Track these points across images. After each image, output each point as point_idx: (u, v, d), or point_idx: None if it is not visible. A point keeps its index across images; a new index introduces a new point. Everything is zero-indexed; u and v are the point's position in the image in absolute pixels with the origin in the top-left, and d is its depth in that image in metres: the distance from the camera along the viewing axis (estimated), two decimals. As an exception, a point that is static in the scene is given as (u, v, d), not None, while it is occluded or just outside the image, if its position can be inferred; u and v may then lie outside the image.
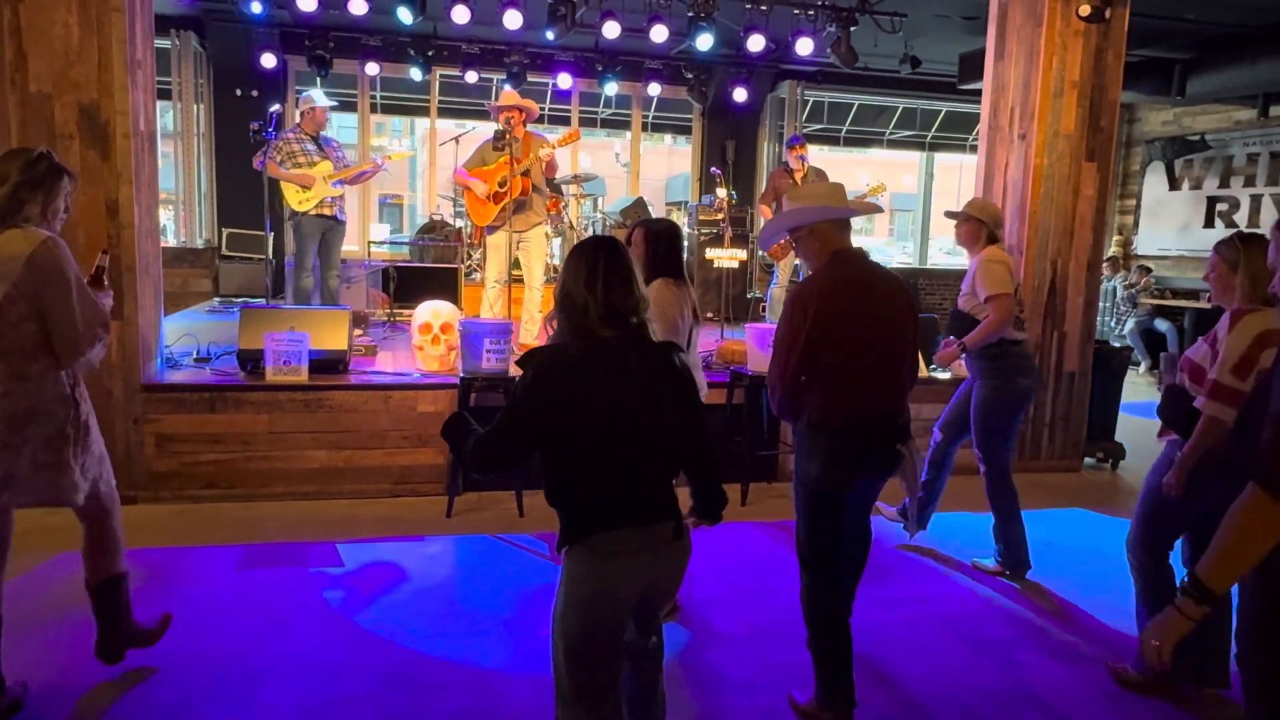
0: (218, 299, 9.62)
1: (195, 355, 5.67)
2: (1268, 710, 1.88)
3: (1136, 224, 11.76)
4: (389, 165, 7.31)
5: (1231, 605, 2.93)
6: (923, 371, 5.61)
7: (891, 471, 2.98)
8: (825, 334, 2.81)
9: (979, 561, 4.48)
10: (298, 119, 6.97)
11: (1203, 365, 2.98)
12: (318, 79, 10.48)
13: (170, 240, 10.76)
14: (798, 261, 8.10)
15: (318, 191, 6.76)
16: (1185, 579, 1.84)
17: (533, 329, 6.62)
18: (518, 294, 6.70)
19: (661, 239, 3.59)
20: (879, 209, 3.66)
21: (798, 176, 7.88)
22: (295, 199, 6.78)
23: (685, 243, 3.81)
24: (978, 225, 4.29)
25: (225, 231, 10.11)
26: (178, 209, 10.80)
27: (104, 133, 4.70)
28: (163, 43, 9.67)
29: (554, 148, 6.47)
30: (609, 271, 2.19)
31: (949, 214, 4.54)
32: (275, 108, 6.96)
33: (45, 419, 2.74)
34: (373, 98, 11.54)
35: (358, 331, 6.69)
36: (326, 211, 6.85)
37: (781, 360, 2.87)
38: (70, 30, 4.61)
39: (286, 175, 6.75)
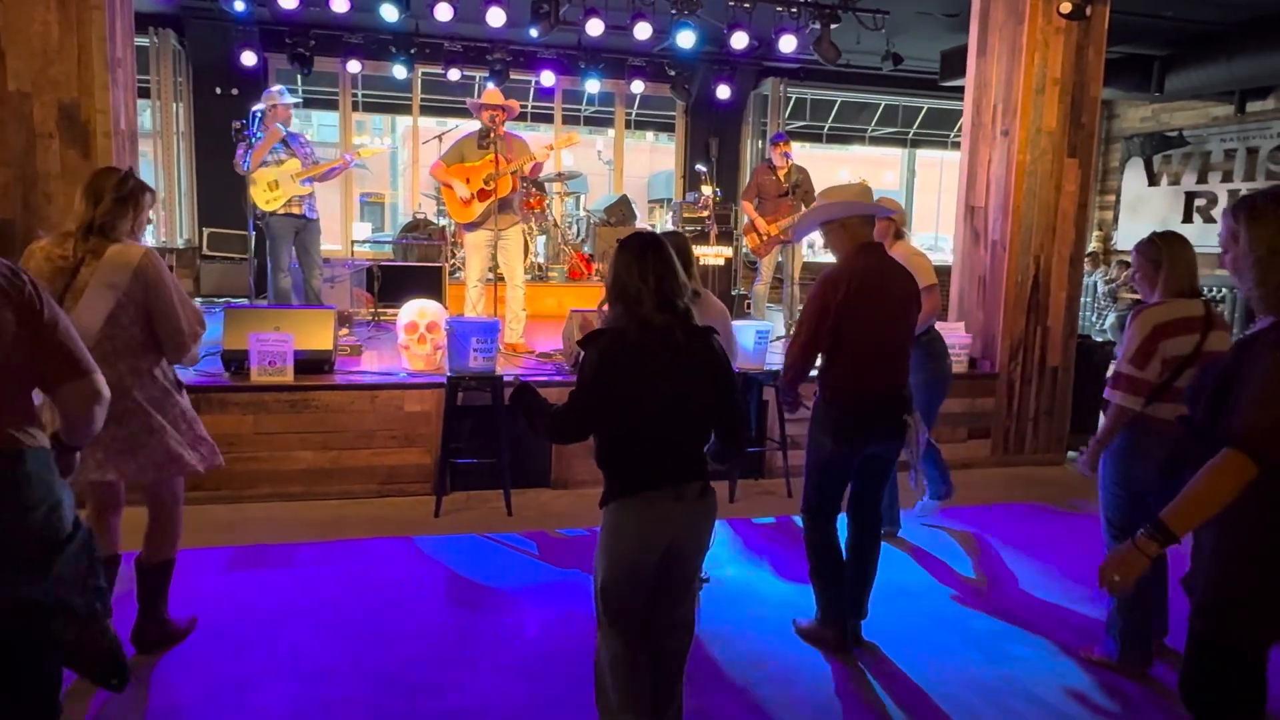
0: (199, 299, 9.53)
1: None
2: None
3: (1116, 219, 11.87)
4: (360, 161, 7.24)
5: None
6: None
7: (902, 438, 3.41)
8: (850, 313, 3.23)
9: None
10: (260, 116, 6.76)
11: None
12: (298, 77, 10.42)
13: (150, 240, 10.66)
14: (781, 259, 8.12)
15: (285, 190, 6.61)
16: (1150, 527, 2.09)
17: (517, 328, 6.62)
18: (502, 292, 6.68)
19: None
20: (900, 208, 4.32)
21: (780, 173, 7.90)
22: (262, 199, 6.61)
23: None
24: (888, 224, 4.53)
25: (206, 231, 10.03)
26: (158, 209, 10.69)
27: (84, 131, 4.66)
28: (141, 40, 9.56)
29: (550, 150, 6.44)
30: (658, 263, 2.47)
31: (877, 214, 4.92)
32: (258, 106, 6.90)
33: (169, 405, 3.14)
34: (354, 96, 11.48)
35: (343, 331, 6.66)
36: (295, 210, 6.69)
37: (809, 330, 3.28)
38: (49, 28, 4.56)
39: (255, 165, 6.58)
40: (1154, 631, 3.47)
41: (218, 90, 10.27)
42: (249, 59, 9.74)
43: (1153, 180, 11.37)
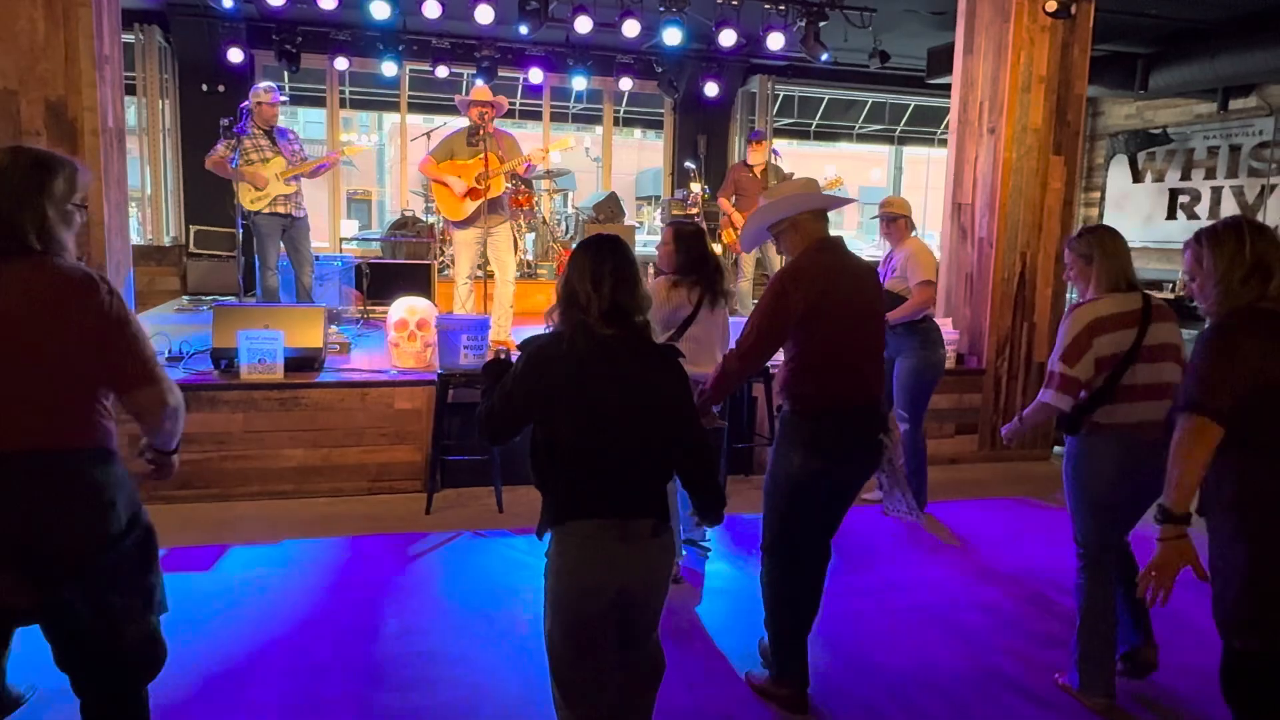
0: (186, 297, 9.50)
1: (167, 354, 5.59)
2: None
3: (1101, 216, 11.95)
4: (346, 159, 7.22)
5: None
6: None
7: (877, 463, 3.04)
8: (816, 316, 2.87)
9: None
10: (248, 113, 6.69)
11: None
12: (285, 74, 10.37)
13: (136, 238, 10.60)
14: (760, 255, 8.16)
15: (271, 190, 6.60)
16: (1157, 514, 2.24)
17: (506, 324, 6.63)
18: (492, 289, 6.69)
19: (687, 240, 3.99)
20: (851, 200, 4.06)
21: (757, 171, 7.97)
22: (248, 198, 6.60)
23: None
24: (906, 221, 4.98)
25: (193, 229, 9.97)
26: (144, 206, 10.64)
27: (71, 129, 4.63)
28: (126, 37, 9.51)
29: (546, 153, 6.45)
30: (615, 270, 2.24)
31: (878, 217, 5.08)
32: (244, 103, 6.87)
33: None
34: (341, 93, 11.44)
35: (331, 329, 6.64)
36: (281, 209, 6.69)
37: (756, 336, 2.94)
38: (36, 25, 4.54)
39: (229, 174, 6.55)
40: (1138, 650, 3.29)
41: (204, 87, 10.21)
42: (235, 56, 9.67)
43: (1137, 177, 11.45)
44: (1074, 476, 3.09)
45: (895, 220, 4.97)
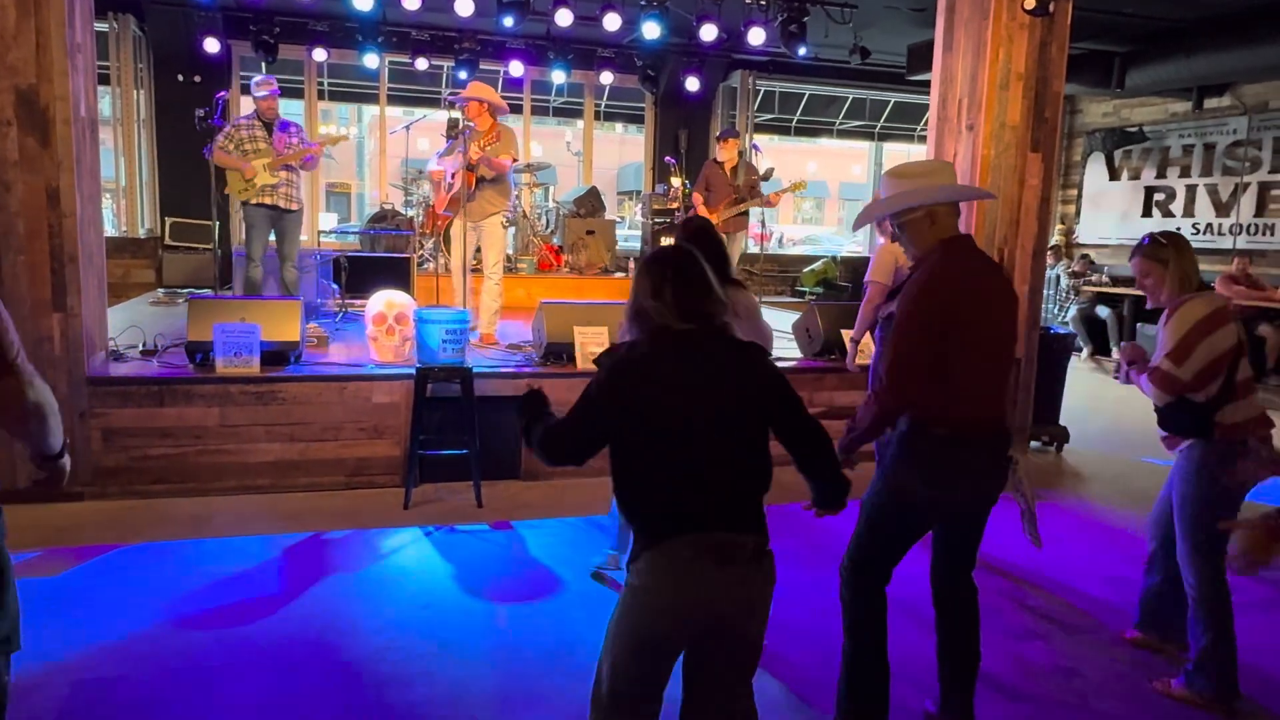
0: (161, 290, 9.40)
1: (141, 347, 5.54)
2: None
3: (1079, 213, 12.07)
4: (328, 152, 7.19)
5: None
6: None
7: (1003, 483, 2.76)
8: (958, 326, 2.56)
9: None
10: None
11: None
12: (263, 65, 10.27)
13: (110, 230, 10.47)
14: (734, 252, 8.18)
15: (259, 180, 6.71)
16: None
17: (488, 319, 6.64)
18: (476, 284, 6.72)
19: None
20: (992, 195, 3.33)
21: (727, 168, 8.02)
22: (237, 188, 6.76)
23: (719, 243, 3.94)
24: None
25: (169, 221, 9.87)
26: (118, 198, 10.51)
27: (43, 119, 4.55)
28: (100, 26, 9.37)
29: (481, 154, 6.37)
30: (678, 279, 2.10)
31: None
32: (221, 94, 6.81)
33: None
34: (320, 84, 11.34)
35: (313, 325, 6.60)
36: (268, 200, 6.78)
37: (911, 357, 2.56)
38: (6, 11, 4.45)
39: (227, 163, 6.69)
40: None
41: (180, 77, 10.11)
42: (212, 45, 9.58)
43: (1113, 175, 11.57)
44: (1202, 477, 3.04)
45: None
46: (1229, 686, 3.07)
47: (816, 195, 33.96)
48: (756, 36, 8.36)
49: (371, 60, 10.37)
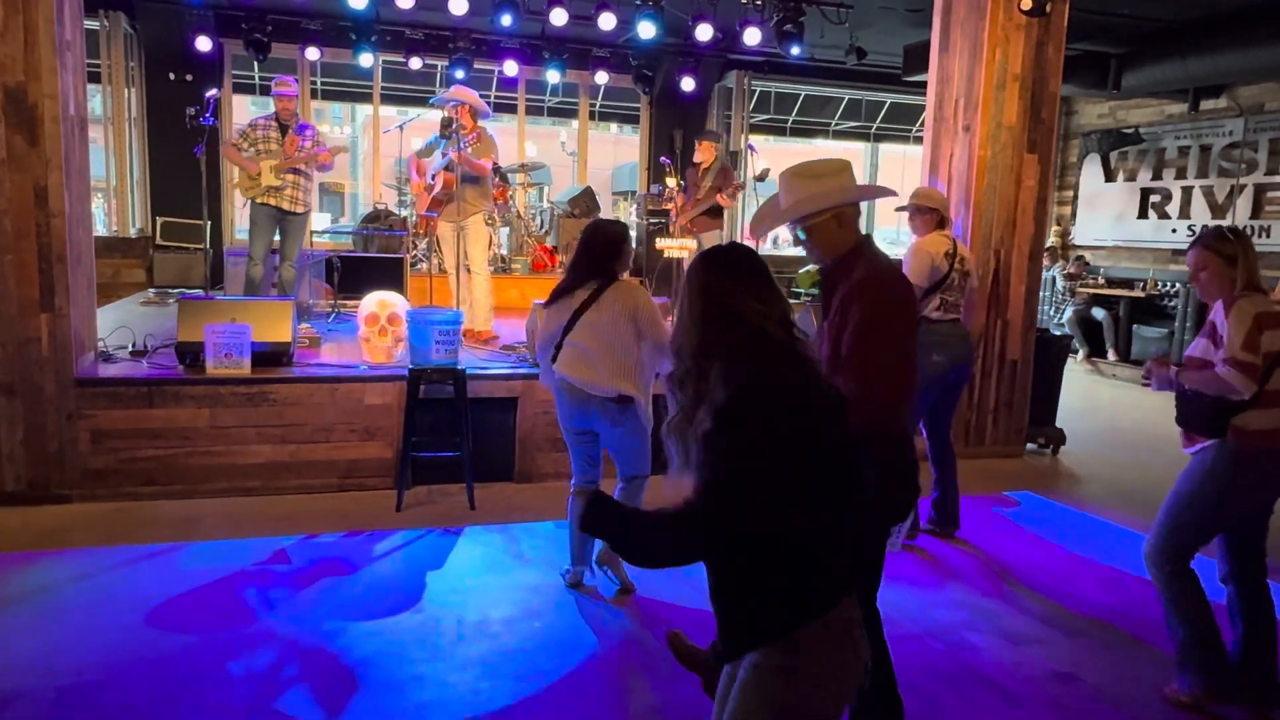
0: (152, 290, 9.35)
1: (131, 348, 5.49)
2: None
3: (1075, 214, 12.07)
4: (329, 163, 7.16)
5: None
6: None
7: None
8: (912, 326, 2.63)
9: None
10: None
11: (1207, 359, 3.04)
12: (255, 63, 10.23)
13: (101, 229, 10.42)
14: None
15: (263, 181, 6.79)
16: None
17: (479, 314, 6.71)
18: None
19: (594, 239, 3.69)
20: (893, 193, 3.16)
21: (701, 170, 8.07)
22: (243, 185, 6.86)
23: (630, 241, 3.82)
24: (929, 213, 4.63)
25: (160, 220, 9.82)
26: (109, 197, 10.45)
27: (31, 117, 4.52)
28: (90, 23, 9.32)
29: (460, 152, 6.47)
30: (771, 283, 1.81)
31: (900, 209, 4.79)
32: (212, 92, 6.78)
33: None
34: (313, 83, 11.29)
35: (305, 326, 6.58)
36: (271, 201, 6.85)
37: (899, 360, 2.52)
38: (-7, 9, 4.42)
39: (236, 160, 6.86)
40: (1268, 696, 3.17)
41: (171, 75, 10.05)
42: (204, 44, 9.53)
43: (1109, 176, 11.57)
44: (1206, 481, 3.03)
45: (916, 212, 4.66)
46: (1221, 682, 3.07)
47: (812, 196, 33.90)
48: (752, 36, 8.34)
49: (365, 59, 10.33)
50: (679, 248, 8.35)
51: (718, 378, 1.71)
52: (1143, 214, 11.13)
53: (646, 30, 7.88)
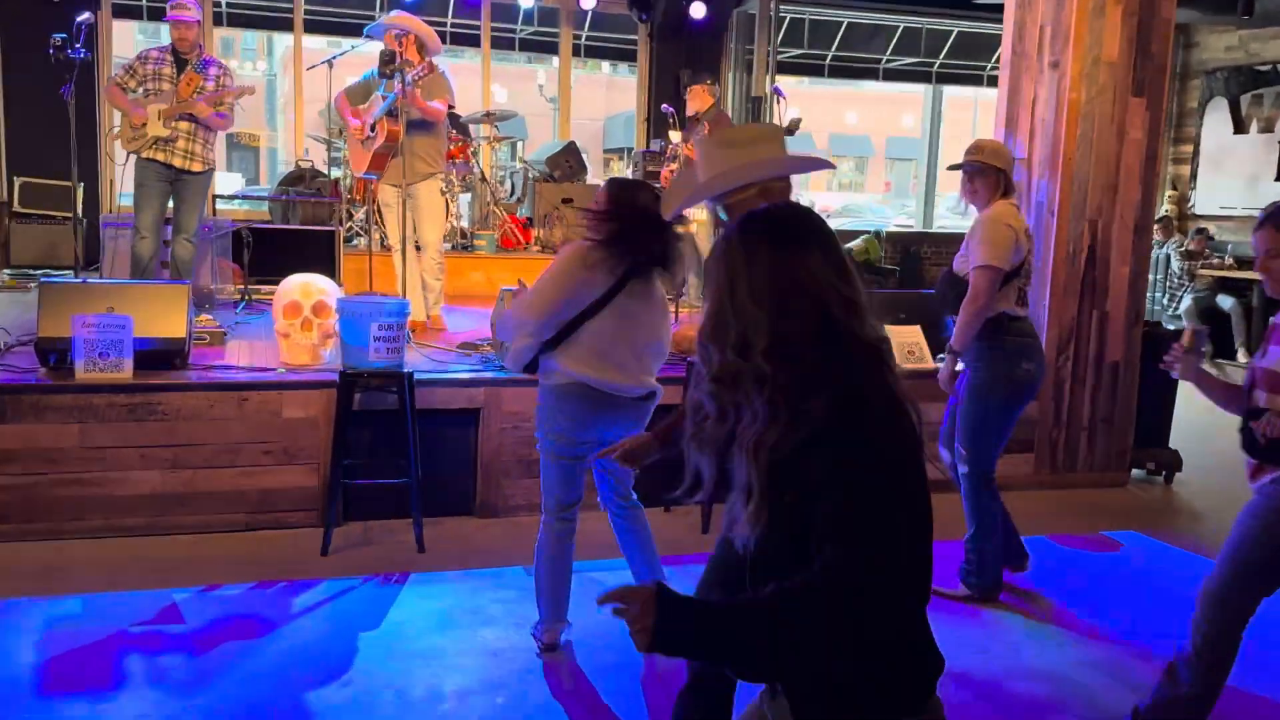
0: (8, 271, 9.37)
1: (-21, 346, 5.51)
2: None
3: (1194, 176, 12.10)
4: (235, 101, 7.16)
5: None
6: (928, 362, 5.87)
7: None
8: None
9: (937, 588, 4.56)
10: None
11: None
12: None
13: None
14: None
15: (150, 130, 6.71)
16: None
17: (429, 299, 6.80)
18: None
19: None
20: (830, 164, 3.18)
21: (695, 123, 8.16)
22: (125, 136, 6.80)
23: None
24: (995, 175, 4.43)
25: (18, 181, 9.81)
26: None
27: None
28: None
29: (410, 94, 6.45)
30: (842, 255, 1.76)
31: (954, 167, 4.67)
32: (85, 16, 6.76)
33: None
34: (218, 6, 11.30)
35: (205, 318, 6.59)
36: (160, 157, 6.79)
37: None
38: None
39: (119, 104, 6.82)
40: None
41: (30, -2, 10.04)
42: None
43: (1240, 127, 11.60)
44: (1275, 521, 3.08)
45: (979, 173, 4.45)
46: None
47: (858, 154, 34.12)
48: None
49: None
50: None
51: (796, 382, 1.64)
52: (1282, 175, 11.15)
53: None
